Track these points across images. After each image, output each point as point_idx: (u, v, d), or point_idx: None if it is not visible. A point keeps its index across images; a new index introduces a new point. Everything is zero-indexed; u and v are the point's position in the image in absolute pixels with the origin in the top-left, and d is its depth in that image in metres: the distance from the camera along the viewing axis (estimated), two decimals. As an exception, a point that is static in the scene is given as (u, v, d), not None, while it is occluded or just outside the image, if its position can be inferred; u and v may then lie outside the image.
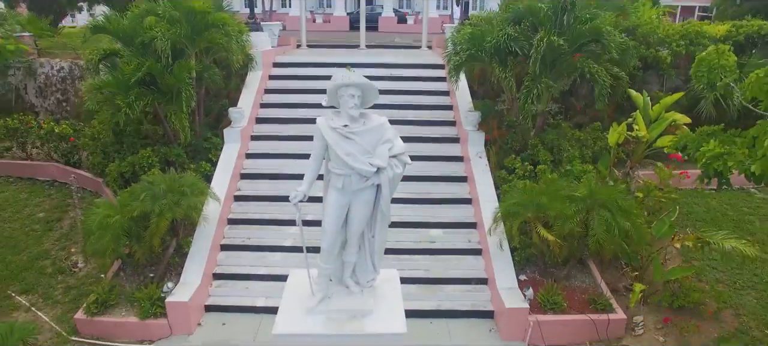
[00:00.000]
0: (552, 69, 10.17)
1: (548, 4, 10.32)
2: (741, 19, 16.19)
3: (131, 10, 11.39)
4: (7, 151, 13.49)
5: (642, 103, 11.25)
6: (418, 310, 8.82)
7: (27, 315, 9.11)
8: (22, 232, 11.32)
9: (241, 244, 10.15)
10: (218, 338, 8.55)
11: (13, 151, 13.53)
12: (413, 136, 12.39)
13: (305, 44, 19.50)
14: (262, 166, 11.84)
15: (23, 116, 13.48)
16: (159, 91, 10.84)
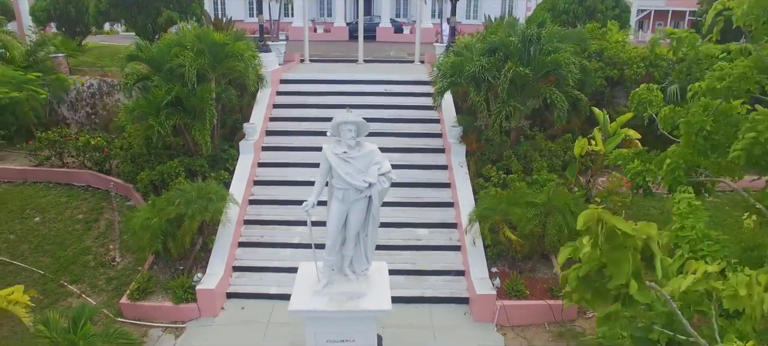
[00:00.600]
0: (521, 93, 11.88)
1: (518, 37, 12.04)
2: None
3: (160, 40, 13.10)
4: (46, 160, 15.18)
5: (602, 119, 12.97)
6: (405, 296, 10.51)
7: (78, 301, 10.80)
8: (65, 231, 13.02)
9: (256, 241, 11.87)
10: (239, 319, 10.27)
11: (51, 160, 15.22)
12: (404, 147, 14.14)
13: (308, 59, 21.23)
14: (272, 174, 13.55)
15: (62, 129, 15.18)
16: (185, 111, 12.56)
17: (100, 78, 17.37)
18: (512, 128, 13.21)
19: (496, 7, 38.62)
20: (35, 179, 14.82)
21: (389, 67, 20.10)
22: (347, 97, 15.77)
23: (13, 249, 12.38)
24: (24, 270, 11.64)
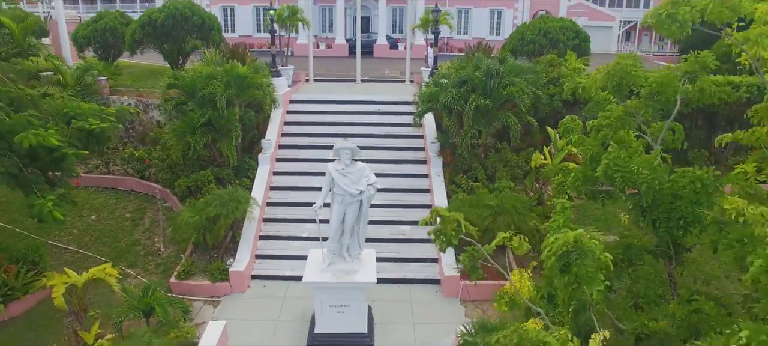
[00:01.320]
0: (484, 118, 14.81)
1: (482, 72, 14.98)
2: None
3: (194, 71, 16.05)
4: (95, 168, 18.11)
5: (553, 137, 15.92)
6: (390, 278, 13.41)
7: (135, 281, 13.73)
8: (117, 227, 15.96)
9: (273, 235, 14.80)
10: (262, 295, 13.19)
11: (99, 168, 18.16)
12: (393, 159, 17.10)
13: (312, 79, 24.19)
14: (285, 181, 16.47)
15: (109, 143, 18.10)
16: (215, 130, 15.50)
17: (136, 98, 20.32)
18: (480, 144, 16.15)
19: (486, 25, 41.62)
20: (86, 184, 17.75)
21: (383, 87, 23.05)
22: (346, 116, 18.76)
23: (78, 241, 15.33)
24: (89, 257, 14.56)
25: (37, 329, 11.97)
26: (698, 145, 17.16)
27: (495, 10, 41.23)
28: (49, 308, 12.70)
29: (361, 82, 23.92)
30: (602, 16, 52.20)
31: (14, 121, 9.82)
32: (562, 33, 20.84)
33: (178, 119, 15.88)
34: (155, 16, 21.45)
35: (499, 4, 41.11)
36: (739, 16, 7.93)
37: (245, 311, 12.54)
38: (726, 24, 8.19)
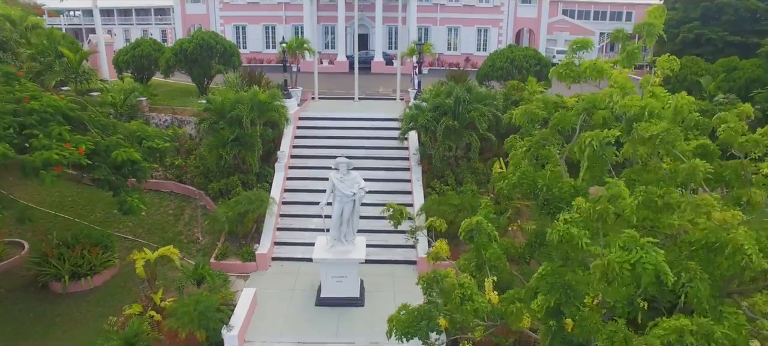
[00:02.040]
0: (453, 136, 18.78)
1: (452, 99, 18.94)
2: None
3: (224, 96, 20.02)
4: (141, 174, 22.05)
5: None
6: (378, 259, 17.29)
7: (182, 262, 17.66)
8: (163, 221, 19.92)
9: (287, 227, 18.75)
10: (280, 272, 17.13)
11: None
12: (383, 167, 21.03)
13: (317, 96, 28.16)
14: (296, 185, 20.41)
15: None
16: (241, 144, 19.48)
17: (171, 115, 24.32)
18: (452, 156, 20.10)
19: (473, 42, 45.57)
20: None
21: (377, 105, 26.98)
22: (345, 131, 22.75)
23: (133, 232, 19.32)
24: (144, 244, 18.50)
25: (114, 294, 15.96)
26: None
27: (481, 28, 45.18)
28: (120, 279, 16.79)
29: (359, 100, 27.89)
30: (583, 31, 56.07)
31: (109, 142, 13.80)
32: (525, 61, 24.76)
33: (211, 136, 19.86)
34: (185, 46, 25.49)
35: (485, 24, 45.07)
36: (604, 77, 11.87)
37: (268, 283, 16.48)
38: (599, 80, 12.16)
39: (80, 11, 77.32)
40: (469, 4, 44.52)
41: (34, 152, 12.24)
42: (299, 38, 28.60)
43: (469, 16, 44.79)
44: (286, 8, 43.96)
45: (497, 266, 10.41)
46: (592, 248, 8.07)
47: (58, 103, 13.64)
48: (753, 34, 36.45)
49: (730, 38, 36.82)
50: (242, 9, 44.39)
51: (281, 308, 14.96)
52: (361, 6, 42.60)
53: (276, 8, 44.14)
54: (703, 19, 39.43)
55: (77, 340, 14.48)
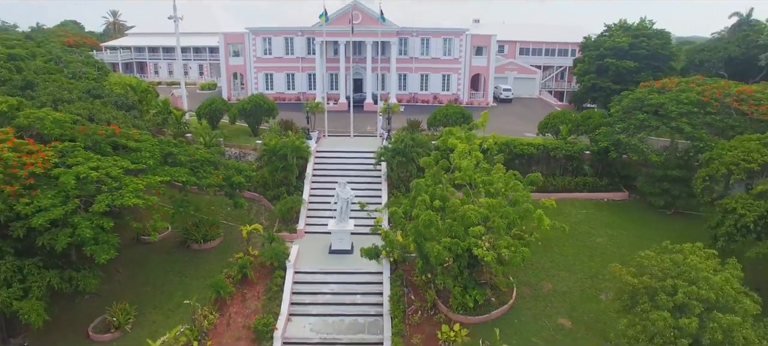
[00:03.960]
0: (403, 167, 32.56)
1: (402, 144, 32.73)
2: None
3: (275, 141, 33.82)
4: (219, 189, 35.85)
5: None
6: (361, 233, 31.03)
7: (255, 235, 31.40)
8: (243, 212, 33.64)
9: (312, 215, 32.50)
10: (309, 238, 30.81)
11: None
12: (366, 182, 34.87)
13: (327, 133, 42.00)
14: (316, 192, 34.13)
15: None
16: (285, 169, 33.30)
17: (238, 149, 38.18)
18: (403, 176, 33.86)
19: (439, 84, 59.29)
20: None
21: (364, 140, 40.71)
22: (344, 159, 36.58)
23: (226, 218, 33.09)
24: (235, 225, 32.24)
25: (223, 251, 29.73)
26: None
27: (445, 74, 58.98)
28: (225, 244, 30.61)
29: (353, 137, 41.76)
30: (528, 71, 69.90)
31: (228, 172, 27.65)
32: (454, 116, 38.51)
33: (268, 166, 33.64)
34: (245, 105, 39.41)
35: (448, 71, 58.85)
36: (452, 145, 25.69)
37: (303, 244, 30.15)
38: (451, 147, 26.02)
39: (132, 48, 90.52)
40: (436, 57, 58.31)
41: (202, 179, 26.13)
42: (317, 103, 42.28)
43: (435, 65, 58.59)
44: (302, 61, 57.77)
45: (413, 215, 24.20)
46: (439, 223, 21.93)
47: (205, 154, 27.53)
48: (631, 83, 50.00)
49: (614, 86, 50.43)
50: (270, 62, 58.21)
51: (311, 255, 28.73)
52: (355, 59, 56.76)
53: (295, 61, 57.98)
54: (597, 72, 53.21)
55: (208, 270, 28.28)
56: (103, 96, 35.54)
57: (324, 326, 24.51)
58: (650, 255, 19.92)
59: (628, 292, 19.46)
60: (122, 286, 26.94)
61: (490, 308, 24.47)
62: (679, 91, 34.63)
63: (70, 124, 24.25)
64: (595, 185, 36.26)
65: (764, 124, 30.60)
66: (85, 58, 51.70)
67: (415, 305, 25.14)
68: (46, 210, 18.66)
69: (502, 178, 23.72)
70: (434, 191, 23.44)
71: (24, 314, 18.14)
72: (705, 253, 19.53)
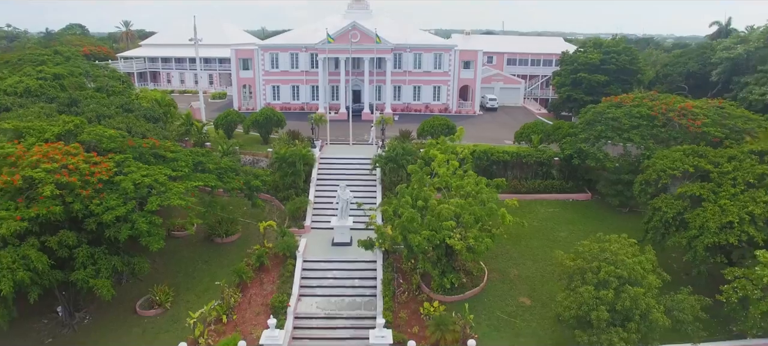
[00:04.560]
0: (394, 172, 37.64)
1: (393, 152, 37.82)
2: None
3: (285, 149, 38.88)
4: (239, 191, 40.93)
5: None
6: (358, 228, 36.11)
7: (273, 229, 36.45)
8: (257, 211, 38.70)
9: (317, 214, 37.60)
10: (315, 233, 35.90)
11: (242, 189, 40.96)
12: (364, 184, 39.99)
13: (329, 142, 47.07)
14: (320, 194, 39.20)
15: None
16: (293, 174, 38.37)
17: (252, 156, 43.25)
18: (395, 180, 38.90)
19: (430, 95, 64.37)
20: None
21: (362, 148, 45.77)
22: (344, 164, 41.64)
23: (244, 216, 38.17)
24: (252, 222, 37.30)
25: (242, 244, 34.80)
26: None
27: (436, 86, 64.09)
28: (243, 238, 35.73)
29: (352, 144, 46.84)
30: (513, 81, 75.05)
31: (247, 178, 32.73)
32: (439, 126, 43.60)
33: (279, 171, 38.70)
34: (258, 118, 44.48)
35: (438, 83, 63.96)
36: (433, 156, 30.72)
37: (310, 237, 35.19)
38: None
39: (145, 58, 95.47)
40: (428, 70, 63.39)
41: (227, 183, 31.22)
42: (321, 115, 47.32)
43: (427, 78, 63.67)
44: (306, 74, 62.85)
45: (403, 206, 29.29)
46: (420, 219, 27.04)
47: (228, 162, 32.61)
48: (602, 95, 55.01)
49: (586, 98, 55.48)
50: (277, 75, 63.25)
51: (317, 247, 33.79)
52: (354, 72, 61.81)
53: (299, 75, 63.07)
54: (572, 85, 58.32)
55: (229, 259, 33.33)
56: (134, 110, 40.57)
57: (328, 304, 29.56)
58: (585, 244, 25.02)
59: (566, 272, 24.58)
60: (159, 273, 31.94)
61: (464, 290, 29.53)
62: (632, 106, 39.72)
63: (121, 139, 29.28)
64: (561, 187, 41.38)
65: (700, 136, 35.73)
66: (110, 73, 56.68)
67: (402, 287, 30.20)
68: (112, 209, 23.69)
69: (471, 182, 28.79)
70: (418, 193, 28.48)
71: (98, 289, 23.17)
72: (627, 242, 24.59)
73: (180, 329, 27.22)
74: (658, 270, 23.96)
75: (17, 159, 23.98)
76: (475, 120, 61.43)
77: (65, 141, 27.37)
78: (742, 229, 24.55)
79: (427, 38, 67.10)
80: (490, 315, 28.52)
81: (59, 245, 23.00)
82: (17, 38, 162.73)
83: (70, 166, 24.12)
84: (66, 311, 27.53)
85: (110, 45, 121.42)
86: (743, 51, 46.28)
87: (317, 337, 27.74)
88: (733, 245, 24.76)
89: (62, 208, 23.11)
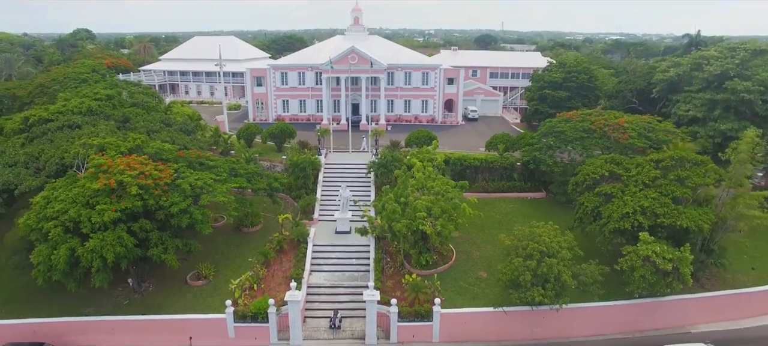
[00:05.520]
0: (385, 174, 45.98)
1: (383, 159, 46.16)
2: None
3: (297, 157, 47.18)
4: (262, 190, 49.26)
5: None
6: (355, 220, 44.44)
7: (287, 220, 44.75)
8: (276, 206, 46.99)
9: (323, 209, 45.95)
10: (322, 224, 44.25)
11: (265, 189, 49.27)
12: (361, 184, 48.37)
13: (332, 150, 55.41)
14: (326, 193, 47.55)
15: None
16: (304, 177, 46.71)
17: (269, 162, 51.58)
18: (386, 182, 47.23)
19: (419, 107, 72.70)
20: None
21: (359, 155, 54.09)
22: (345, 169, 50.03)
23: (266, 211, 46.47)
24: (272, 216, 45.62)
25: (264, 233, 43.09)
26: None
27: (423, 100, 72.45)
28: (265, 229, 44.19)
29: (352, 152, 55.18)
30: (492, 94, 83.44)
31: (269, 180, 41.10)
32: (423, 137, 51.91)
33: (292, 175, 47.01)
34: (273, 130, 52.84)
35: (426, 97, 72.32)
36: (413, 163, 39.02)
37: (318, 228, 43.50)
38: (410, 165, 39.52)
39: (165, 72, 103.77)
40: (416, 86, 71.75)
41: (254, 185, 39.60)
42: (326, 129, 55.60)
43: (416, 93, 72.02)
44: (312, 90, 71.22)
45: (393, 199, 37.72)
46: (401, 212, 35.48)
47: (254, 168, 40.98)
48: (564, 109, 63.37)
49: (551, 111, 63.72)
50: (287, 91, 71.58)
51: (323, 234, 42.13)
52: (353, 88, 70.14)
53: (306, 90, 71.43)
54: (539, 99, 66.70)
55: (254, 244, 41.68)
56: (172, 124, 48.93)
57: (332, 277, 37.91)
58: (520, 229, 33.40)
59: (506, 249, 32.97)
60: (201, 255, 40.28)
61: (437, 266, 37.86)
62: (577, 121, 48.12)
63: (175, 152, 37.61)
64: (521, 187, 49.75)
65: (628, 146, 44.08)
66: (143, 89, 64.93)
67: (389, 264, 38.54)
68: (177, 204, 31.98)
69: (440, 183, 37.16)
70: (400, 192, 36.87)
71: (168, 261, 31.48)
72: (551, 227, 32.95)
73: (221, 296, 35.53)
74: (574, 248, 32.36)
75: (108, 168, 32.30)
76: (457, 129, 69.86)
77: (137, 153, 35.68)
78: (635, 218, 32.91)
79: (416, 58, 75.46)
80: (455, 284, 36.91)
81: (140, 229, 31.35)
82: (33, 46, 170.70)
83: (146, 173, 32.46)
84: (135, 282, 35.87)
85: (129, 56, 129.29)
86: (674, 74, 54.52)
87: (325, 301, 36.14)
88: (629, 230, 33.11)
89: (141, 203, 31.45)
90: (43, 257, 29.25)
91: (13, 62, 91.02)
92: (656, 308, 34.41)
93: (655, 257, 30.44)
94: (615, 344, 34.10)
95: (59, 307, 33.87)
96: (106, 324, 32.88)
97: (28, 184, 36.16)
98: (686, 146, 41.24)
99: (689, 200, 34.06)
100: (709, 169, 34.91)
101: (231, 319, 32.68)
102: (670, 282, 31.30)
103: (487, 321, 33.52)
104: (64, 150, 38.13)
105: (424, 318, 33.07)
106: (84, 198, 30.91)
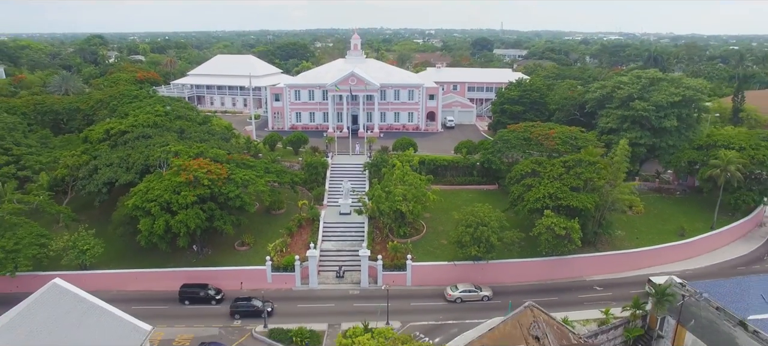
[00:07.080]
0: (377, 172, 59.31)
1: (378, 160, 59.48)
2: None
3: (311, 159, 60.46)
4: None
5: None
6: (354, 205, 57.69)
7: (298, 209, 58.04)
8: (296, 195, 60.26)
9: (331, 196, 59.26)
10: (330, 208, 57.58)
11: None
12: (358, 179, 61.74)
13: (337, 153, 68.75)
14: (333, 185, 60.87)
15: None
16: (316, 173, 60.03)
17: (289, 163, 64.90)
18: (378, 176, 60.52)
19: (407, 116, 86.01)
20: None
21: (358, 158, 67.34)
22: (348, 169, 63.44)
23: (286, 198, 59.79)
24: (293, 202, 58.87)
25: (288, 214, 56.40)
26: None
27: (410, 112, 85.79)
28: (288, 212, 57.66)
29: (352, 155, 68.53)
30: (467, 106, 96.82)
31: (293, 176, 54.46)
32: (406, 143, 65.11)
33: (307, 172, 60.28)
34: (291, 138, 66.20)
35: (411, 110, 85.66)
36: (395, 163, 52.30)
37: (327, 211, 56.69)
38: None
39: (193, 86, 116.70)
40: (404, 101, 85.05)
41: (282, 179, 52.99)
42: (331, 137, 68.80)
43: (404, 106, 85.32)
44: (320, 104, 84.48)
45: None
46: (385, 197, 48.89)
47: (281, 167, 54.38)
48: (522, 120, 76.56)
49: (509, 122, 76.83)
50: (300, 105, 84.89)
51: (331, 215, 55.39)
52: (352, 103, 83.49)
53: (315, 104, 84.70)
54: (501, 112, 79.95)
55: (281, 223, 55.03)
56: (214, 134, 62.25)
57: (338, 244, 51.28)
58: (466, 209, 46.83)
59: (456, 222, 46.43)
60: (243, 229, 53.57)
61: (411, 236, 51.21)
62: (520, 132, 61.50)
63: (225, 156, 50.96)
64: (479, 181, 63.11)
65: (554, 150, 57.43)
66: (184, 104, 78.13)
67: (378, 236, 51.90)
68: (232, 191, 45.31)
69: (412, 178, 50.52)
70: (385, 184, 50.28)
71: (227, 229, 44.90)
72: (489, 208, 46.36)
73: (260, 256, 48.84)
74: (502, 221, 45.77)
75: (186, 167, 45.63)
76: (437, 136, 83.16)
77: (201, 156, 49.03)
78: (544, 201, 46.28)
79: (404, 78, 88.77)
80: (424, 249, 50.33)
81: (208, 209, 44.75)
82: (59, 55, 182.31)
83: (211, 170, 45.82)
84: (199, 247, 49.25)
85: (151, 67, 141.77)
86: (600, 94, 67.85)
87: (332, 260, 49.57)
88: (540, 209, 46.49)
89: (209, 191, 44.80)
90: (148, 226, 42.60)
91: (69, 80, 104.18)
92: (562, 264, 47.84)
93: (554, 226, 43.85)
94: (533, 288, 47.54)
95: (151, 262, 47.23)
96: (197, 273, 46.00)
97: (124, 178, 49.47)
98: (595, 150, 54.57)
99: (582, 188, 47.51)
100: (598, 167, 48.35)
101: (269, 269, 46.13)
102: (565, 244, 44.75)
103: (443, 271, 46.98)
104: (148, 155, 51.43)
105: (401, 269, 46.51)
106: (172, 187, 44.27)
